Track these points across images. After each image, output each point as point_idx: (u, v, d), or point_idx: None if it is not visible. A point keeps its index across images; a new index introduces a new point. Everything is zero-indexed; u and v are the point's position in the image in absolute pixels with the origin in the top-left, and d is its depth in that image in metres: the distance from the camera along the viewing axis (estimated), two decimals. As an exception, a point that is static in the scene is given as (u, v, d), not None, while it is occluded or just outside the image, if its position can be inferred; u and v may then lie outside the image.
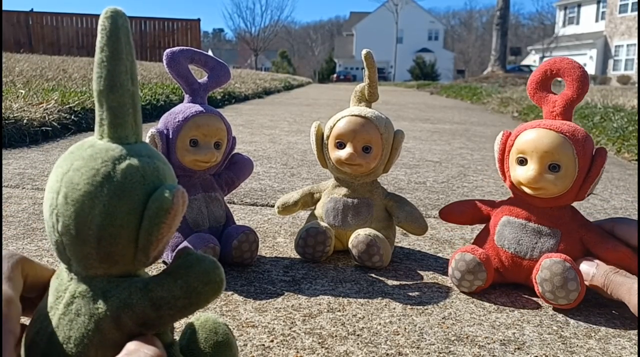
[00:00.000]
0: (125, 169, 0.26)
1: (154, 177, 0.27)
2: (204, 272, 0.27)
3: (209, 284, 0.27)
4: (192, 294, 0.27)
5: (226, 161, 0.73)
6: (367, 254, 0.68)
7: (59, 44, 9.36)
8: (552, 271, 0.56)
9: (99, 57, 0.28)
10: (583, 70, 0.61)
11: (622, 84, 13.69)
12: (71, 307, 0.27)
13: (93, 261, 0.26)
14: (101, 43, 0.27)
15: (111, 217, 0.26)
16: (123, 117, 0.28)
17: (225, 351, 0.33)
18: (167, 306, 0.27)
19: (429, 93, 8.31)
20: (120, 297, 0.26)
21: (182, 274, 0.27)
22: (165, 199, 0.26)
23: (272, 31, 25.64)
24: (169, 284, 0.27)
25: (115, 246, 0.26)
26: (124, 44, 0.28)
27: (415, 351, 0.50)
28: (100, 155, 0.27)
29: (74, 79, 3.27)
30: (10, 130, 1.60)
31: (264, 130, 2.26)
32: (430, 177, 1.37)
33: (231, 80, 0.70)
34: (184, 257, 0.28)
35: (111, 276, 0.27)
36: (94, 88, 0.28)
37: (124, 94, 0.28)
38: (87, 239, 0.26)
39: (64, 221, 0.26)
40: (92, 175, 0.26)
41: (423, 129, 2.62)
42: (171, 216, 0.26)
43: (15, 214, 0.88)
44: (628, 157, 1.87)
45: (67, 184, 0.26)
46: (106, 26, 0.27)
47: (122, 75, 0.28)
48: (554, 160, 0.59)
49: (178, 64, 0.67)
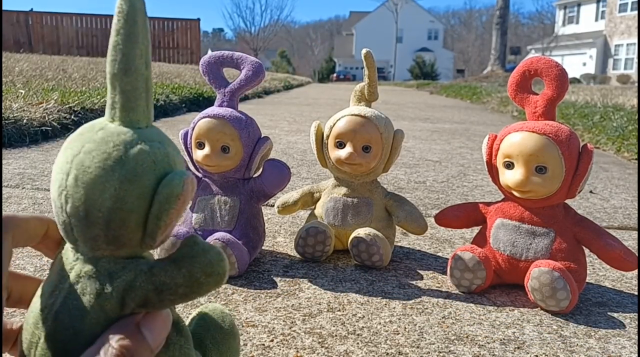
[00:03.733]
0: (137, 154, 0.26)
1: (165, 163, 0.27)
2: (208, 264, 0.27)
3: (212, 275, 0.27)
4: (194, 283, 0.27)
5: (253, 166, 0.70)
6: (367, 253, 0.68)
7: (58, 44, 9.35)
8: (541, 281, 0.57)
9: (114, 40, 0.27)
10: (561, 69, 0.61)
11: (622, 83, 13.69)
12: (77, 287, 0.27)
13: (101, 242, 0.27)
14: (117, 26, 0.27)
15: (121, 201, 0.26)
16: (136, 101, 0.28)
17: (230, 339, 0.34)
18: (168, 292, 0.27)
19: (428, 92, 8.31)
20: (125, 279, 0.27)
21: (187, 264, 0.27)
22: (176, 185, 0.26)
23: (272, 31, 25.64)
24: (173, 272, 0.27)
25: (124, 229, 0.26)
26: (140, 28, 0.27)
27: (415, 350, 0.50)
28: (112, 138, 0.26)
29: (73, 78, 3.27)
30: (10, 130, 1.60)
31: (264, 130, 2.25)
32: (430, 177, 1.37)
33: (265, 77, 0.69)
34: (190, 245, 0.28)
35: (117, 257, 0.27)
36: (107, 71, 0.28)
37: (137, 78, 0.27)
38: (96, 222, 0.26)
39: (73, 203, 0.26)
40: (104, 159, 0.26)
41: (423, 129, 2.62)
42: (181, 201, 0.26)
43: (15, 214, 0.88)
44: (628, 156, 1.87)
45: (77, 166, 0.26)
46: (123, 8, 0.27)
47: (137, 59, 0.27)
48: (539, 163, 0.59)
49: (209, 70, 0.70)
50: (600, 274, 0.72)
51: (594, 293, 0.65)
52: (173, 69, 6.04)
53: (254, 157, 0.69)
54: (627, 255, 0.59)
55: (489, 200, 0.76)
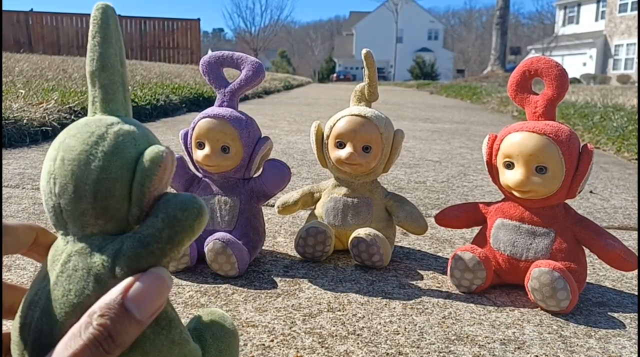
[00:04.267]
0: (117, 131, 0.29)
1: (144, 140, 0.30)
2: (181, 202, 0.29)
3: (187, 210, 0.29)
4: (173, 222, 0.28)
5: (253, 166, 0.70)
6: (367, 253, 0.68)
7: (58, 44, 9.35)
8: (541, 281, 0.57)
9: (91, 43, 0.31)
10: (561, 69, 0.61)
11: (622, 84, 13.69)
12: (68, 265, 0.28)
13: (90, 217, 0.28)
14: (93, 31, 0.31)
15: (106, 172, 0.28)
16: (114, 93, 0.31)
17: (230, 337, 0.35)
18: (154, 240, 0.28)
19: (428, 93, 8.31)
20: (113, 248, 0.28)
21: (161, 208, 0.29)
22: (156, 153, 0.28)
23: (272, 31, 25.62)
24: (152, 221, 0.29)
25: (110, 199, 0.28)
26: (113, 31, 0.31)
27: (415, 350, 0.50)
28: (94, 122, 0.29)
29: (73, 79, 3.27)
30: (10, 130, 1.60)
31: (264, 129, 2.25)
32: (430, 177, 1.37)
33: (265, 77, 0.69)
34: (162, 196, 0.30)
35: (106, 233, 0.29)
36: (87, 70, 0.31)
37: (114, 74, 0.31)
38: (83, 195, 0.28)
39: (60, 182, 0.28)
40: (87, 137, 0.28)
41: (423, 129, 2.62)
42: (161, 168, 0.28)
43: (15, 214, 0.88)
44: (628, 156, 1.87)
45: (64, 148, 0.29)
46: (97, 16, 0.31)
47: (112, 57, 0.31)
48: (540, 163, 0.59)
49: (209, 70, 0.70)
50: (600, 274, 0.72)
51: (594, 293, 0.65)
52: (173, 69, 6.04)
53: (254, 157, 0.69)
54: (627, 255, 0.59)
55: (489, 200, 0.76)
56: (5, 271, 0.64)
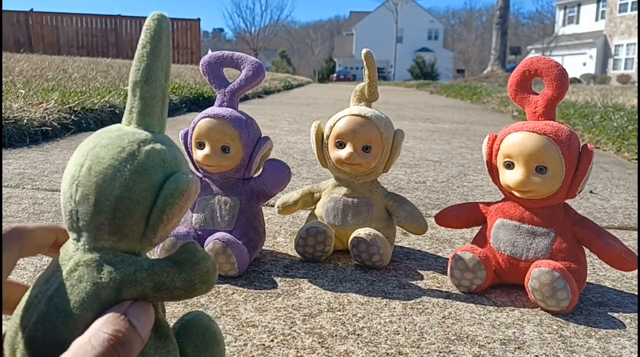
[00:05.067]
0: (148, 151, 0.28)
1: (173, 163, 0.29)
2: (205, 273, 0.29)
3: (206, 283, 0.29)
4: (190, 288, 0.29)
5: (253, 166, 0.70)
6: (367, 253, 0.68)
7: (58, 44, 9.36)
8: (541, 281, 0.57)
9: (140, 52, 0.30)
10: (561, 69, 0.61)
11: (622, 83, 13.69)
12: (74, 274, 0.28)
13: (104, 232, 0.28)
14: (144, 40, 0.30)
15: (130, 191, 0.27)
16: (152, 107, 0.30)
17: (212, 345, 0.34)
18: (165, 291, 0.29)
19: (428, 92, 8.31)
20: (125, 272, 0.28)
21: (187, 269, 0.29)
22: (182, 182, 0.28)
23: (272, 31, 25.63)
24: (173, 274, 0.29)
25: (128, 219, 0.28)
26: (164, 44, 0.30)
27: (415, 350, 0.50)
28: (127, 136, 0.29)
29: (73, 79, 3.27)
30: (10, 130, 1.60)
31: (264, 129, 2.25)
32: (430, 177, 1.37)
33: (265, 77, 0.69)
34: (192, 252, 0.30)
35: (117, 250, 0.29)
36: (130, 79, 0.30)
37: (157, 87, 0.30)
38: (102, 210, 0.27)
39: (83, 191, 0.27)
40: (118, 152, 0.28)
41: (423, 129, 2.62)
42: (184, 198, 0.28)
43: (15, 214, 0.88)
44: (628, 156, 1.87)
45: (92, 158, 0.28)
46: (151, 26, 0.30)
47: (158, 71, 0.30)
48: (540, 163, 0.59)
49: (209, 70, 0.70)
50: (600, 274, 0.72)
51: (594, 293, 0.65)
52: (173, 69, 6.04)
53: (254, 157, 0.69)
54: (627, 255, 0.59)
55: (489, 200, 0.76)
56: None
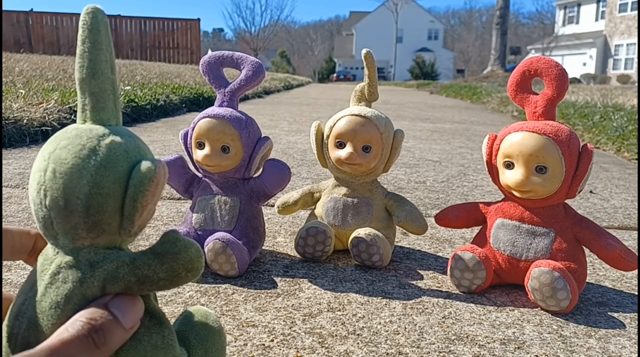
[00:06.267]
0: (109, 144, 0.28)
1: (136, 152, 0.29)
2: (189, 261, 0.29)
3: (192, 270, 0.29)
4: (174, 277, 0.29)
5: (253, 166, 0.70)
6: (367, 253, 0.68)
7: (58, 44, 9.35)
8: (541, 281, 0.57)
9: (81, 49, 0.30)
10: (561, 68, 0.61)
11: (622, 83, 13.69)
12: (58, 277, 0.28)
13: (81, 231, 0.28)
14: (82, 36, 0.30)
15: (98, 186, 0.27)
16: (104, 101, 0.30)
17: (215, 335, 0.35)
18: (149, 283, 0.29)
19: (428, 92, 8.31)
20: (107, 269, 0.28)
21: (169, 259, 0.29)
22: (149, 168, 0.28)
23: (272, 31, 25.62)
24: (155, 266, 0.29)
25: (102, 213, 0.28)
26: (103, 37, 0.30)
27: (415, 350, 0.50)
28: (85, 133, 0.29)
29: (73, 79, 3.27)
30: (10, 130, 1.60)
31: (264, 129, 2.25)
32: (430, 177, 1.37)
33: (265, 77, 0.69)
34: (173, 242, 0.29)
35: (97, 247, 0.29)
36: (76, 77, 0.30)
37: (104, 81, 0.30)
38: (75, 209, 0.27)
39: (52, 194, 0.27)
40: (79, 150, 0.28)
41: (423, 129, 2.62)
42: (154, 183, 0.28)
43: (15, 214, 0.88)
44: (628, 156, 1.87)
45: (54, 160, 0.28)
46: (87, 21, 0.30)
47: (103, 64, 0.30)
48: (539, 163, 0.59)
49: (209, 70, 0.71)
50: (600, 274, 0.72)
51: (594, 293, 0.65)
52: (173, 69, 6.04)
53: (254, 157, 0.69)
54: (627, 255, 0.59)
55: (489, 200, 0.76)
56: (5, 270, 0.64)
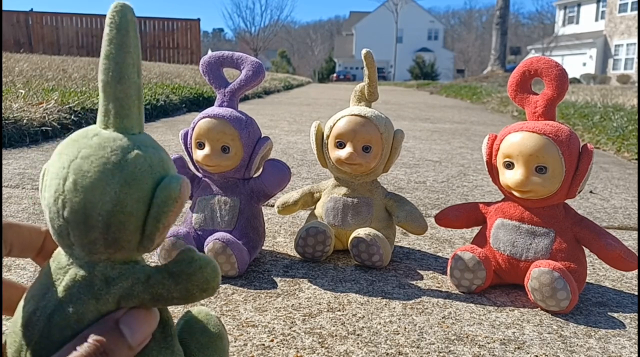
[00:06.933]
0: (134, 159, 0.27)
1: (160, 167, 0.28)
2: (204, 281, 0.29)
3: (206, 290, 0.29)
4: (188, 297, 0.29)
5: (253, 166, 0.70)
6: (367, 253, 0.68)
7: (58, 44, 9.35)
8: (541, 281, 0.57)
9: (107, 49, 0.28)
10: (561, 69, 0.61)
11: (622, 83, 13.69)
12: (72, 291, 0.28)
13: (99, 246, 0.27)
14: (109, 36, 0.28)
15: (121, 205, 0.26)
16: (129, 108, 0.28)
17: (216, 341, 0.34)
18: (163, 301, 0.28)
19: (428, 93, 8.31)
20: (122, 286, 0.28)
21: (184, 280, 0.28)
22: (173, 188, 0.27)
23: (272, 31, 25.61)
24: (170, 286, 0.28)
25: (123, 232, 0.27)
26: (132, 38, 0.28)
27: (415, 350, 0.50)
28: (108, 144, 0.27)
29: (73, 79, 3.27)
30: (10, 130, 1.60)
31: (264, 130, 2.25)
32: (430, 177, 1.37)
33: (265, 77, 0.69)
34: (188, 261, 0.29)
35: (114, 262, 0.28)
36: (100, 79, 0.28)
37: (130, 86, 0.28)
38: (95, 225, 0.26)
39: (71, 207, 0.26)
40: (103, 163, 0.26)
41: (423, 129, 2.62)
42: (178, 204, 0.27)
43: (15, 214, 0.88)
44: (628, 156, 1.87)
45: (75, 170, 0.26)
46: (115, 19, 0.28)
47: (130, 68, 0.28)
48: (539, 163, 0.59)
49: (209, 70, 0.70)
50: (600, 274, 0.72)
51: (594, 293, 0.65)
52: (173, 69, 6.04)
53: (254, 157, 0.69)
54: (627, 255, 0.59)
55: (489, 200, 0.76)
56: (5, 270, 0.64)
